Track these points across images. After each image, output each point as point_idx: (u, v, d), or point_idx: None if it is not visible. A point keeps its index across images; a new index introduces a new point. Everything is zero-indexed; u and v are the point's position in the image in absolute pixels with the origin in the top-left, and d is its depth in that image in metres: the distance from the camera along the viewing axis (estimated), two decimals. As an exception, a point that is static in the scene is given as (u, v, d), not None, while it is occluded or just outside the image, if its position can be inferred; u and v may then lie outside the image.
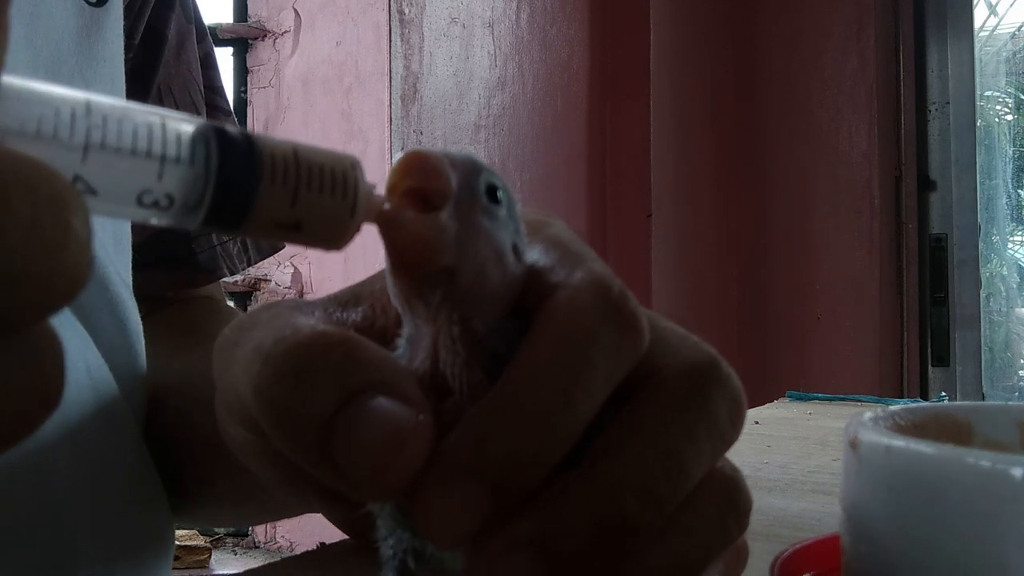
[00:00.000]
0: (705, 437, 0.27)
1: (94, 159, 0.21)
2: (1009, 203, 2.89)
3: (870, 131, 2.69)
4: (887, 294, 2.70)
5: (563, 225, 0.30)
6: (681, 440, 0.26)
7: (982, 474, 0.24)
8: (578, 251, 0.28)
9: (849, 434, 0.28)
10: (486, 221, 0.26)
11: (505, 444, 0.24)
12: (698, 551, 0.28)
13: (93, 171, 0.21)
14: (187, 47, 0.67)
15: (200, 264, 0.64)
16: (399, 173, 0.25)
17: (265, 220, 0.23)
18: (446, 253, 0.26)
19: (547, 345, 0.25)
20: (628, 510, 0.25)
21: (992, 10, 2.93)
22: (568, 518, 0.24)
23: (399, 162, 0.26)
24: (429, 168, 0.26)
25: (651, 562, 0.26)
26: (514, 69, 2.31)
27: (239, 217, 0.23)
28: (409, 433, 0.24)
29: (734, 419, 0.28)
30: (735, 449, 0.29)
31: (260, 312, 0.29)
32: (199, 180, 0.23)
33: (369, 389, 0.24)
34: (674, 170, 2.60)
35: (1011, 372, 2.92)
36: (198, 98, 0.67)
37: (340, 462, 0.24)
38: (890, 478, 0.26)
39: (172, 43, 0.65)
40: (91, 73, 0.55)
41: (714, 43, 2.80)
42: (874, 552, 0.27)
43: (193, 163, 0.22)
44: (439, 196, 0.26)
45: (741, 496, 0.29)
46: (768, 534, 0.50)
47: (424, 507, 0.24)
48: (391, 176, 0.26)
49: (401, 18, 2.07)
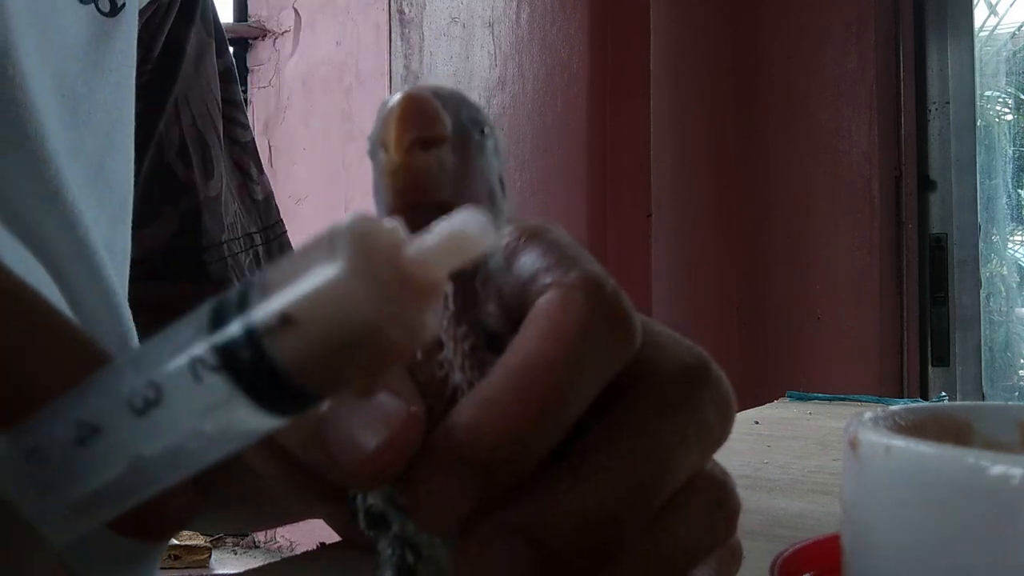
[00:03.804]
0: (693, 437, 0.27)
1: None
2: (1009, 203, 2.89)
3: (870, 131, 2.69)
4: (887, 294, 2.70)
5: (562, 231, 0.30)
6: (669, 439, 0.27)
7: (982, 474, 0.24)
8: (574, 254, 0.28)
9: (849, 434, 0.28)
10: (477, 156, 0.27)
11: (495, 435, 0.24)
12: (684, 550, 0.28)
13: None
14: (206, 60, 0.68)
15: (210, 275, 0.64)
16: (400, 125, 0.26)
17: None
18: (445, 187, 0.26)
19: (539, 339, 0.25)
20: (613, 504, 0.25)
21: (992, 10, 2.93)
22: (554, 509, 0.25)
23: (396, 111, 0.26)
24: (427, 117, 0.26)
25: (637, 558, 0.27)
26: (514, 69, 2.31)
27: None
28: (399, 424, 0.24)
29: (723, 421, 0.29)
30: (736, 449, 0.29)
31: None
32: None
33: None
34: (674, 170, 2.60)
35: (1011, 372, 2.92)
36: (215, 111, 0.68)
37: (332, 450, 0.24)
38: (890, 478, 0.26)
39: (191, 56, 0.66)
40: (96, 82, 0.55)
41: (714, 43, 2.80)
42: (874, 552, 0.27)
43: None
44: (438, 140, 0.26)
45: (729, 499, 0.29)
46: (768, 534, 0.50)
47: (413, 490, 0.24)
48: (391, 126, 0.26)
49: (401, 18, 2.07)
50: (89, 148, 0.55)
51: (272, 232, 0.71)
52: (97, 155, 0.56)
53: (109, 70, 0.55)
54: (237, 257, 0.66)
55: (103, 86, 0.54)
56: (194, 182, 0.65)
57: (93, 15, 0.55)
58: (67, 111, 0.53)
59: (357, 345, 0.20)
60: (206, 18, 0.67)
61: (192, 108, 0.66)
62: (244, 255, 0.67)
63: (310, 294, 0.20)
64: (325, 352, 0.20)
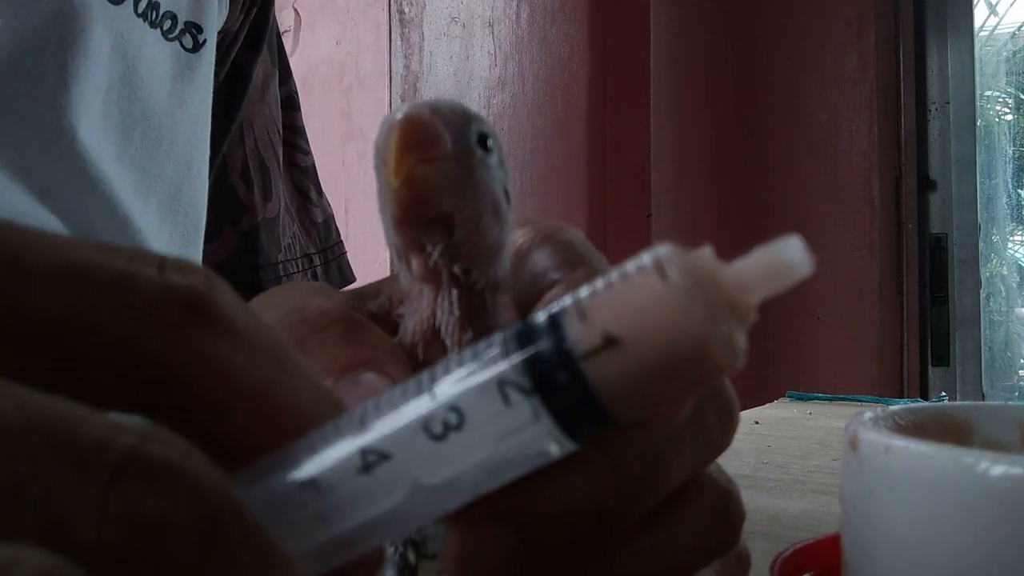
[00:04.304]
0: (690, 442, 0.27)
1: None
2: (1009, 203, 2.89)
3: (870, 131, 2.69)
4: (887, 294, 2.70)
5: (578, 233, 0.31)
6: (663, 441, 0.27)
7: (982, 474, 0.24)
8: (584, 253, 0.29)
9: (849, 434, 0.28)
10: (480, 170, 0.27)
11: None
12: (685, 554, 0.28)
13: None
14: (270, 89, 0.72)
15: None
16: (400, 150, 0.26)
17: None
18: (447, 199, 0.27)
19: None
20: (602, 499, 0.25)
21: (992, 10, 2.93)
22: (542, 499, 0.25)
23: (395, 136, 0.26)
24: (427, 138, 0.26)
25: (632, 558, 0.27)
26: (514, 69, 2.31)
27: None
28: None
29: (724, 426, 0.29)
30: (736, 449, 0.29)
31: (276, 291, 0.30)
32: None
33: (360, 365, 0.26)
34: (674, 170, 2.60)
35: (1011, 372, 2.92)
36: (276, 137, 0.72)
37: None
38: (890, 478, 0.26)
39: (256, 83, 0.71)
40: (180, 113, 0.59)
41: (714, 43, 2.80)
42: (874, 552, 0.27)
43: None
44: (438, 159, 0.27)
45: (733, 506, 0.29)
46: (768, 534, 0.50)
47: None
48: (391, 151, 0.26)
49: (401, 18, 2.07)
50: (168, 174, 0.59)
51: (331, 253, 0.76)
52: (176, 181, 0.60)
53: (191, 102, 0.60)
54: (293, 277, 0.70)
55: (185, 117, 0.60)
56: (254, 203, 0.69)
57: (177, 51, 0.59)
58: (150, 140, 0.58)
59: (684, 365, 0.20)
60: (271, 48, 0.72)
61: (255, 133, 0.70)
62: (301, 275, 0.71)
63: (637, 314, 0.20)
64: (649, 373, 0.20)
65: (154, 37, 0.58)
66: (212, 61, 0.62)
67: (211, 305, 0.20)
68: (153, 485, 0.17)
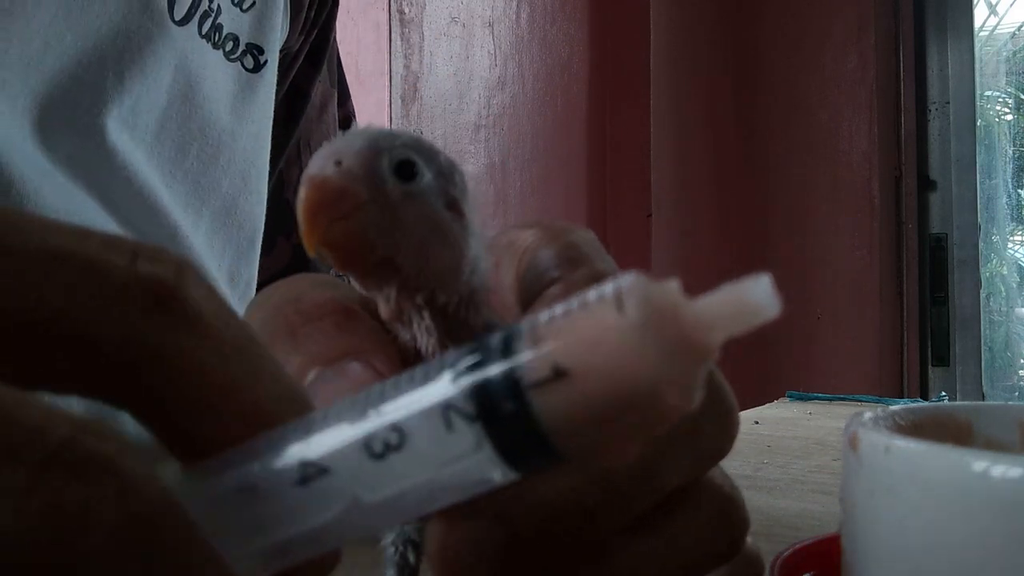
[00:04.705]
0: (684, 447, 0.27)
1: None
2: (1009, 203, 2.89)
3: (870, 131, 2.69)
4: (887, 294, 2.70)
5: (587, 234, 0.31)
6: (654, 446, 0.26)
7: (982, 474, 0.24)
8: (588, 253, 0.29)
9: (849, 434, 0.28)
10: (404, 202, 0.26)
11: None
12: (683, 559, 0.28)
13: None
14: (328, 109, 0.75)
15: None
16: (306, 215, 0.26)
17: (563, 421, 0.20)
18: (380, 244, 0.26)
19: None
20: (586, 500, 0.25)
21: (992, 10, 2.92)
22: (526, 496, 0.25)
23: (302, 208, 0.26)
24: (332, 198, 0.26)
25: (628, 560, 0.27)
26: (514, 69, 2.31)
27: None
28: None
29: (724, 431, 0.29)
30: (736, 449, 0.29)
31: (283, 281, 0.30)
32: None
33: (347, 354, 0.26)
34: (674, 170, 2.60)
35: (1011, 372, 2.92)
36: None
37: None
38: (890, 478, 0.26)
39: (315, 103, 0.73)
40: (240, 130, 0.61)
41: (714, 43, 2.80)
42: (874, 552, 0.27)
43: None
44: (355, 210, 0.26)
45: (735, 514, 0.29)
46: (768, 534, 0.50)
47: None
48: (302, 224, 0.26)
49: (401, 18, 2.07)
50: (224, 188, 0.62)
51: None
52: (231, 195, 0.62)
53: (251, 121, 0.63)
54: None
55: (244, 135, 0.62)
56: None
57: (239, 71, 0.61)
58: (207, 155, 0.60)
59: (632, 406, 0.19)
60: (331, 68, 0.74)
61: (313, 152, 0.71)
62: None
63: (589, 347, 0.19)
64: (595, 409, 0.19)
65: (216, 57, 0.60)
66: (273, 81, 0.64)
67: (178, 297, 0.20)
68: (80, 477, 0.17)
